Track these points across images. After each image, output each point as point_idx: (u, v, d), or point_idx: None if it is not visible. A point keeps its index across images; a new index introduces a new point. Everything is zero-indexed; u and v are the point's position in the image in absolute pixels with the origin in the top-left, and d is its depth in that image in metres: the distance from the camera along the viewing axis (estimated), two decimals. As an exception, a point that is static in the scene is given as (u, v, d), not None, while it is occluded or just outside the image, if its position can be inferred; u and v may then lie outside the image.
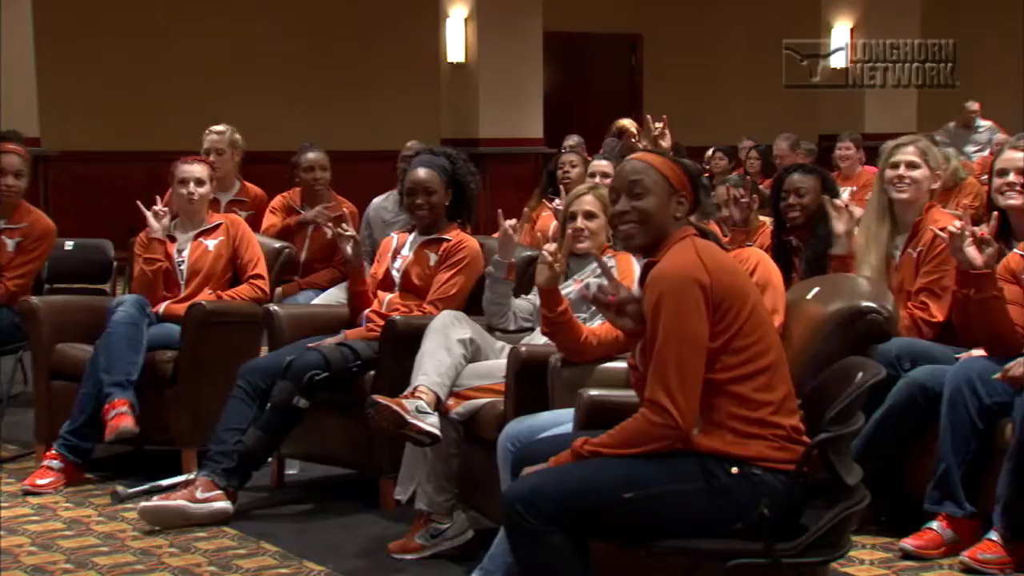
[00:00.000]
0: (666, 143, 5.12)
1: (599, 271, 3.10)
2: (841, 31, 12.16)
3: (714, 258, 2.76)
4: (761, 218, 5.14)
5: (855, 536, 3.14)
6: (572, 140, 8.52)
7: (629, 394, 2.98)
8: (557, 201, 5.55)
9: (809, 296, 3.31)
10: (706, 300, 2.68)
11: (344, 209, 6.04)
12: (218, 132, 6.13)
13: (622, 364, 3.48)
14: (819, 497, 2.71)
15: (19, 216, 5.28)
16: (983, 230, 3.73)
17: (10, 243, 5.23)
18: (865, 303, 3.16)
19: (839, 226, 4.22)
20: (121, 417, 4.47)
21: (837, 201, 4.27)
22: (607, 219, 3.81)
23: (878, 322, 3.13)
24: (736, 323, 2.70)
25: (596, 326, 3.64)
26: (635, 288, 3.00)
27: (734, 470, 2.66)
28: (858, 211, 5.02)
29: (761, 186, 5.92)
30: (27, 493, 4.52)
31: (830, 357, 2.97)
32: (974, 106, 11.11)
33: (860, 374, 2.70)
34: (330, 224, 5.31)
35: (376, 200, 6.34)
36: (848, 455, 2.75)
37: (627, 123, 7.94)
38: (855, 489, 2.70)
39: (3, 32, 8.94)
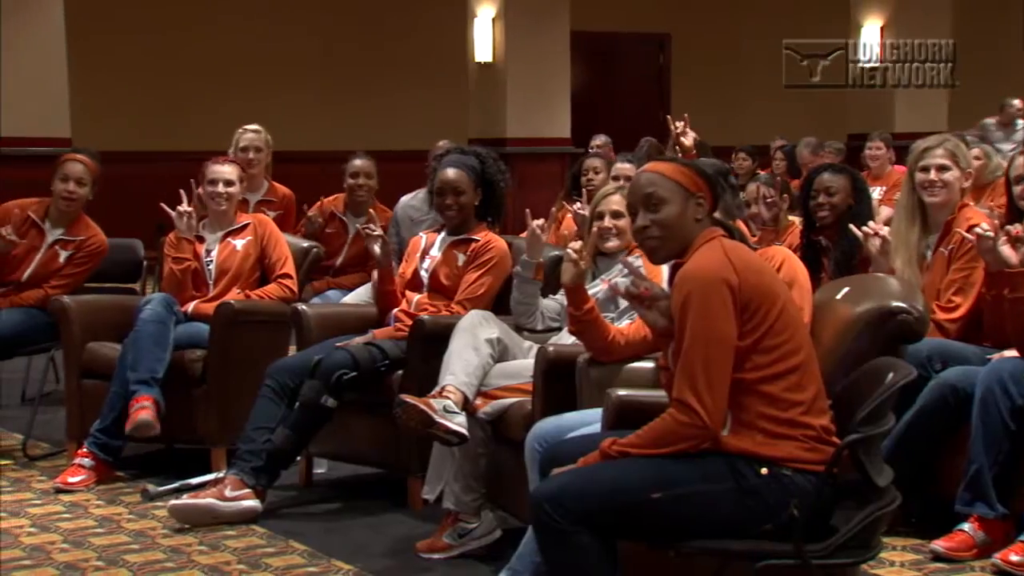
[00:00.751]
0: (688, 141, 5.11)
1: (626, 271, 3.10)
2: (871, 31, 12.08)
3: (742, 258, 2.74)
4: (791, 218, 5.12)
5: (885, 538, 3.11)
6: (599, 140, 8.51)
7: (657, 394, 2.97)
8: (578, 204, 5.52)
9: (839, 296, 3.29)
10: (734, 300, 2.67)
11: (371, 211, 6.05)
12: (254, 131, 6.14)
13: (650, 364, 3.47)
14: (849, 498, 2.69)
15: (77, 229, 5.30)
16: (1018, 228, 3.69)
17: (63, 254, 5.27)
18: (896, 303, 3.13)
19: (872, 249, 4.17)
20: (142, 410, 4.49)
21: (865, 228, 4.22)
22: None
23: (908, 322, 3.11)
24: (766, 322, 2.69)
25: (624, 326, 3.63)
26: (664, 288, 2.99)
27: (764, 471, 2.65)
28: (887, 212, 4.98)
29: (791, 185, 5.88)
30: (59, 491, 4.56)
31: (860, 357, 2.95)
32: (1016, 103, 10.94)
33: (891, 374, 2.68)
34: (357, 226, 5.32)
35: (404, 199, 6.34)
36: (879, 456, 2.73)
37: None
38: (885, 490, 2.68)
39: (37, 35, 9.02)
